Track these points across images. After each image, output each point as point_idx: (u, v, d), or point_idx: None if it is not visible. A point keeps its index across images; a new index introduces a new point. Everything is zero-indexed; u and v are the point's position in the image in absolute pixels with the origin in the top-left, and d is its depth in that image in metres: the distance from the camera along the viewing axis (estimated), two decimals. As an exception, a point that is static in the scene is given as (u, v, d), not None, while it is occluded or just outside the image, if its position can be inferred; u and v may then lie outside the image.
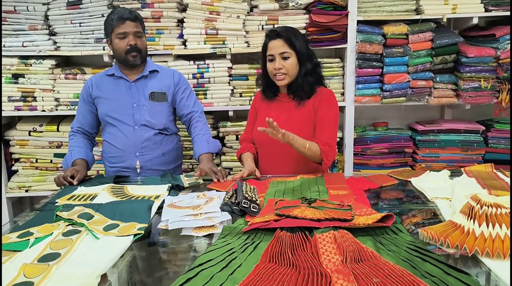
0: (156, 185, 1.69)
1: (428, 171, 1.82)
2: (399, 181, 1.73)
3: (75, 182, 1.73)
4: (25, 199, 2.93)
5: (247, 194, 1.44)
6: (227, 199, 1.44)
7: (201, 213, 1.34)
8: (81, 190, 1.66)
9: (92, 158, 1.99)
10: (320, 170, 1.93)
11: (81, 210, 1.38)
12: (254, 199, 1.42)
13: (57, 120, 2.69)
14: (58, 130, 2.65)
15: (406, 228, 1.18)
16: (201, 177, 1.81)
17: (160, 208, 1.45)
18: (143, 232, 1.22)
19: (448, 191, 1.52)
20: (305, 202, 1.41)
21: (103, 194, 1.59)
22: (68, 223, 1.30)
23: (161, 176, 1.85)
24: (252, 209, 1.37)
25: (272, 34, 1.84)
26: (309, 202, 1.41)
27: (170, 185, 1.67)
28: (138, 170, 1.98)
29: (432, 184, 1.64)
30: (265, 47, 1.87)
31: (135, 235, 1.20)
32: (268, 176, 1.85)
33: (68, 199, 1.55)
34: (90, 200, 1.54)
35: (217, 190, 1.65)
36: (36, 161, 2.71)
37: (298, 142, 1.69)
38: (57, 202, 1.52)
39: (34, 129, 2.65)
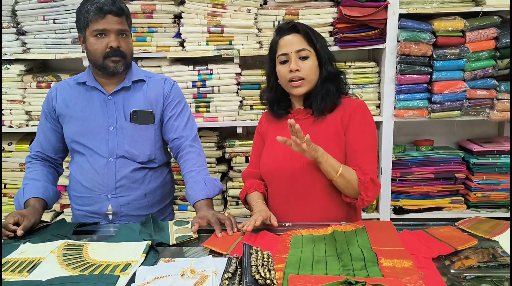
0: (131, 243, 1.20)
1: (516, 222, 1.28)
2: (478, 239, 1.20)
3: (19, 232, 1.26)
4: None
5: (258, 272, 0.94)
6: (227, 281, 0.93)
7: (183, 312, 0.84)
8: (23, 251, 1.17)
9: (53, 194, 1.51)
10: (355, 215, 1.44)
11: (2, 298, 0.90)
12: (268, 282, 0.92)
13: (29, 137, 2.24)
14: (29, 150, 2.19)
15: None
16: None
17: (126, 290, 0.96)
18: None
19: None
20: (348, 288, 0.91)
21: (50, 260, 1.11)
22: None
23: (141, 224, 1.36)
24: (265, 301, 0.87)
25: (284, 28, 1.41)
26: (355, 289, 0.91)
27: (149, 243, 1.18)
28: (110, 217, 1.50)
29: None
30: (274, 45, 1.43)
31: None
32: (287, 224, 1.34)
33: (-2, 269, 1.07)
34: (28, 270, 1.07)
35: (214, 253, 1.15)
36: (5, 187, 2.28)
37: (329, 161, 1.29)
38: (-20, 275, 1.04)
39: (2, 148, 2.22)
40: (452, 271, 1.03)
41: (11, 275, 1.05)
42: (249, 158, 2.17)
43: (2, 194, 2.28)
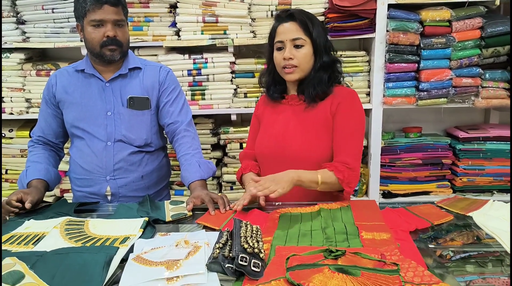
0: (129, 219, 1.28)
1: (492, 200, 1.36)
2: (454, 215, 1.28)
3: (27, 205, 1.32)
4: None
5: (247, 242, 1.01)
6: (218, 250, 1.01)
7: (177, 276, 0.92)
8: (27, 226, 1.25)
9: (55, 176, 1.58)
10: (343, 195, 1.51)
11: (10, 266, 0.97)
12: (256, 250, 1.00)
13: (30, 124, 2.30)
14: (30, 136, 2.23)
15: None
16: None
17: (125, 259, 1.03)
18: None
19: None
20: (329, 256, 0.99)
21: (54, 234, 1.18)
22: (-17, 292, 0.89)
23: (139, 203, 1.44)
24: (253, 268, 0.95)
25: (283, 15, 1.46)
26: (336, 256, 0.98)
27: (146, 220, 1.25)
28: (109, 198, 1.57)
29: (504, 222, 1.19)
30: (273, 32, 1.49)
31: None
32: (276, 204, 1.42)
33: (5, 242, 1.14)
34: (33, 243, 1.13)
35: (207, 229, 1.23)
36: (6, 172, 2.33)
37: (306, 177, 1.35)
38: (-13, 248, 1.11)
39: (3, 135, 2.27)
40: (430, 246, 1.10)
41: (18, 247, 1.11)
42: (243, 144, 2.26)
43: (4, 180, 2.34)
